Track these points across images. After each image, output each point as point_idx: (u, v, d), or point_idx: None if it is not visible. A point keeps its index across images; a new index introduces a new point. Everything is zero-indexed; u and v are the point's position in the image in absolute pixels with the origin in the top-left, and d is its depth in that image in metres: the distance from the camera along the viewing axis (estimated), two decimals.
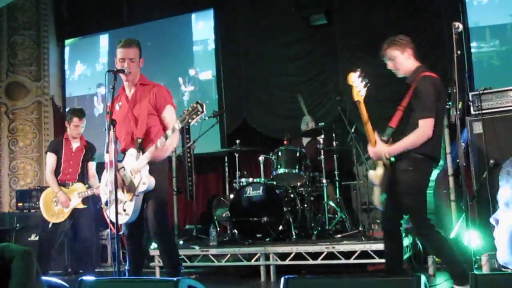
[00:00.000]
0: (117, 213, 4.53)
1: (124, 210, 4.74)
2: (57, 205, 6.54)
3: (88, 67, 11.04)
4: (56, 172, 6.67)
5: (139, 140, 4.77)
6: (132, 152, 4.83)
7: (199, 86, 9.96)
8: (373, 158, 4.62)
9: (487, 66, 7.90)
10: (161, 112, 4.89)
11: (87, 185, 6.65)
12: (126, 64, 4.84)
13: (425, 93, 4.49)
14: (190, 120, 4.50)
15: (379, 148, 4.51)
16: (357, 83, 4.53)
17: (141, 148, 4.76)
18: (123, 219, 4.76)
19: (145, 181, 4.71)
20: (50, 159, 6.72)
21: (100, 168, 6.73)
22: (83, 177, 6.73)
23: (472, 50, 7.91)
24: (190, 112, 4.49)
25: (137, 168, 4.73)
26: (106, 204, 4.95)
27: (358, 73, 4.51)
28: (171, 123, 4.74)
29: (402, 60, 4.74)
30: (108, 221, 4.70)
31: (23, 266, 2.21)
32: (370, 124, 4.63)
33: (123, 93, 5.03)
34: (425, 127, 4.44)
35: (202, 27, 10.08)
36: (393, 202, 4.59)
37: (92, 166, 6.83)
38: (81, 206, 6.56)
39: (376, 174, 4.70)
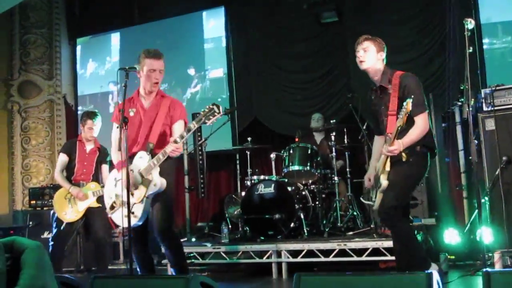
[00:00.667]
0: (129, 210, 4.54)
1: (133, 213, 4.75)
2: (70, 204, 6.55)
3: (99, 66, 11.09)
4: (70, 173, 6.69)
5: (151, 145, 4.82)
6: (142, 154, 4.85)
7: (209, 84, 9.96)
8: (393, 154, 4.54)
9: (500, 62, 7.85)
10: (173, 123, 4.98)
11: (102, 185, 6.65)
12: (157, 75, 4.94)
13: (415, 89, 4.53)
14: (206, 121, 4.58)
15: (398, 144, 4.44)
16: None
17: (152, 152, 4.80)
18: (132, 222, 4.76)
19: (157, 182, 4.74)
20: (62, 159, 6.75)
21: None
22: (97, 179, 6.75)
23: (484, 47, 7.87)
24: (207, 113, 4.57)
25: (149, 168, 4.75)
26: (111, 208, 4.99)
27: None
28: (177, 133, 4.84)
29: (373, 56, 4.82)
30: (113, 224, 4.72)
31: (34, 258, 2.20)
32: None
33: (138, 99, 5.07)
34: (424, 122, 4.50)
35: (213, 25, 10.09)
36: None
37: (105, 168, 6.86)
38: (96, 205, 6.56)
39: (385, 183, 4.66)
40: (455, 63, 7.76)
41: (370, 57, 4.81)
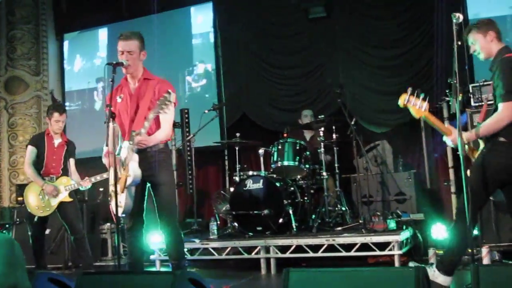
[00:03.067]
0: (117, 206, 4.52)
1: (120, 202, 4.74)
2: (43, 198, 6.55)
3: (87, 61, 11.02)
4: (39, 166, 6.67)
5: (133, 133, 4.71)
6: (125, 144, 4.81)
7: (197, 79, 9.93)
8: (453, 145, 4.49)
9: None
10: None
11: (72, 179, 6.70)
12: (125, 56, 4.82)
13: (505, 75, 4.32)
14: (160, 110, 4.48)
15: (455, 135, 4.40)
16: (414, 102, 4.47)
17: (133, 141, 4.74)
18: (119, 211, 4.75)
19: (130, 174, 4.68)
20: (31, 152, 6.72)
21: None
22: (66, 173, 6.77)
23: None
24: (161, 101, 4.46)
25: (126, 160, 4.72)
26: (109, 197, 4.97)
27: (409, 93, 4.45)
28: (165, 120, 4.79)
29: (484, 44, 4.56)
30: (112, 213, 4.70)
31: (4, 254, 2.12)
32: (430, 116, 4.50)
33: (126, 85, 4.98)
34: (506, 110, 4.27)
35: (202, 20, 10.06)
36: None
37: (72, 162, 6.87)
38: (68, 199, 6.60)
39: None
40: (442, 58, 7.79)
41: (482, 46, 4.58)
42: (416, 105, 4.46)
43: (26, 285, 2.19)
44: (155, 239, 6.83)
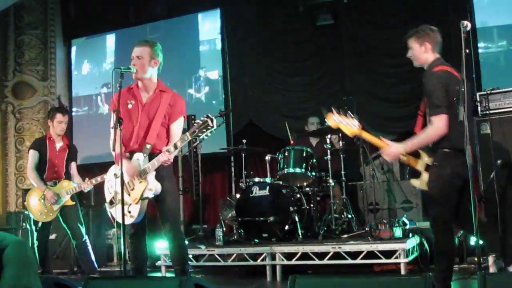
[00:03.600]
0: (123, 214, 4.52)
1: (129, 212, 4.76)
2: (45, 204, 6.56)
3: (94, 67, 11.05)
4: (41, 170, 6.70)
5: (148, 146, 4.76)
6: (139, 156, 4.80)
7: (204, 86, 9.95)
8: (390, 160, 4.60)
9: (495, 66, 7.87)
10: (172, 121, 4.90)
11: (73, 183, 6.73)
12: (134, 61, 4.87)
13: (434, 89, 4.44)
14: (200, 134, 4.52)
15: (392, 148, 4.47)
16: (344, 121, 4.57)
17: (149, 154, 4.77)
18: (128, 221, 4.77)
19: (152, 187, 4.73)
20: (33, 156, 6.73)
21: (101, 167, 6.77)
22: (68, 176, 6.79)
23: (480, 51, 7.89)
24: (200, 125, 4.50)
25: (144, 172, 4.73)
26: (111, 203, 4.96)
27: (334, 112, 4.54)
28: (175, 135, 4.85)
29: (418, 53, 4.71)
30: (112, 219, 4.71)
31: (17, 256, 2.12)
32: (363, 132, 4.61)
33: (137, 91, 4.97)
34: (436, 123, 4.37)
35: (209, 27, 10.07)
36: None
37: (74, 166, 6.90)
38: (70, 202, 6.63)
39: (422, 181, 4.65)
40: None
41: (415, 54, 4.74)
42: (348, 125, 4.59)
43: (38, 286, 2.18)
44: (160, 245, 6.83)
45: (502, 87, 5.93)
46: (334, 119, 4.63)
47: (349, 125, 4.58)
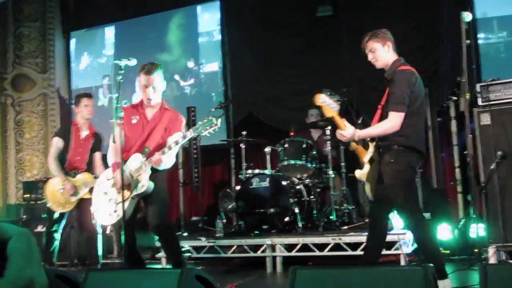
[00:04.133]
0: (123, 203, 4.54)
1: (115, 211, 4.82)
2: (63, 194, 6.49)
3: (94, 59, 11.02)
4: (63, 159, 6.61)
5: (146, 149, 4.96)
6: (136, 156, 4.97)
7: (204, 78, 9.93)
8: (343, 141, 4.75)
9: (495, 57, 7.85)
10: (171, 134, 5.07)
11: (94, 175, 6.61)
12: (149, 91, 5.02)
13: (398, 86, 4.62)
14: (203, 131, 4.67)
15: (349, 130, 4.62)
16: (328, 102, 4.71)
17: (146, 156, 4.92)
18: (111, 220, 4.87)
19: (145, 184, 4.85)
20: (57, 144, 6.64)
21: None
22: (90, 167, 6.70)
23: (480, 41, 7.87)
24: (205, 123, 4.68)
25: (139, 169, 4.87)
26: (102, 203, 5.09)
27: (326, 94, 4.66)
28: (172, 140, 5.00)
29: (382, 53, 4.86)
30: (95, 225, 4.84)
31: (21, 247, 2.11)
32: (336, 116, 4.74)
33: (142, 108, 5.17)
34: (393, 119, 4.52)
35: (208, 18, 10.03)
36: (380, 195, 4.69)
37: (98, 156, 6.77)
38: (89, 196, 6.53)
39: (363, 173, 4.83)
40: (449, 58, 7.76)
41: (380, 55, 4.86)
42: (329, 106, 4.71)
43: (42, 279, 2.17)
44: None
45: (502, 78, 5.91)
46: (320, 98, 4.74)
47: (330, 106, 4.69)
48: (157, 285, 3.14)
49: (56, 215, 6.56)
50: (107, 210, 4.95)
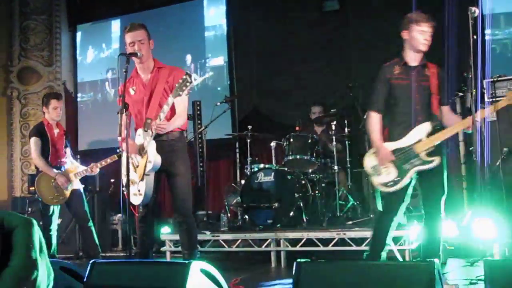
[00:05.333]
0: (129, 197, 4.53)
1: (139, 191, 4.76)
2: (56, 187, 6.56)
3: (100, 52, 11.04)
4: (45, 156, 6.66)
5: (148, 120, 4.76)
6: (139, 132, 4.84)
7: (209, 72, 9.92)
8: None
9: (502, 53, 7.81)
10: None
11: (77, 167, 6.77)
12: (137, 46, 4.84)
13: (375, 83, 4.79)
14: (180, 92, 4.49)
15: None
16: None
17: (149, 128, 4.75)
18: (138, 200, 4.77)
19: (151, 159, 4.71)
20: (37, 143, 6.67)
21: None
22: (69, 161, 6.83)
23: (487, 37, 7.83)
24: (180, 84, 4.49)
25: (143, 146, 4.75)
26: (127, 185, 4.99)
27: None
28: (180, 106, 4.84)
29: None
30: (128, 203, 4.69)
31: (26, 237, 2.10)
32: None
33: (137, 77, 4.99)
34: (368, 118, 4.80)
35: (214, 12, 10.03)
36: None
37: (69, 151, 6.91)
38: (78, 186, 6.67)
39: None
40: (455, 54, 7.72)
41: (430, 39, 4.82)
42: None
43: (48, 270, 2.16)
44: (165, 230, 6.85)
45: (509, 74, 5.89)
46: None
47: None
48: (162, 278, 3.14)
49: (51, 210, 6.62)
50: (132, 190, 4.84)
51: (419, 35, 4.42)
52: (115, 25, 10.89)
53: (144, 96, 4.91)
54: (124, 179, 4.86)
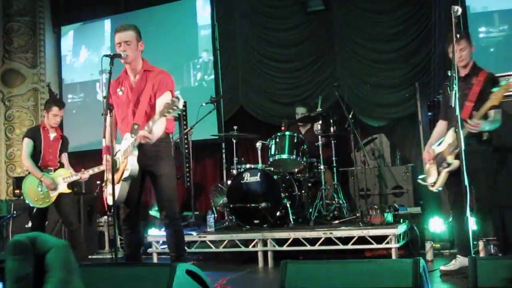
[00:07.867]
0: (114, 198, 4.50)
1: (109, 194, 4.75)
2: (42, 190, 6.55)
3: (92, 53, 10.94)
4: (36, 158, 6.68)
5: (136, 126, 4.71)
6: (127, 136, 4.80)
7: (202, 71, 9.89)
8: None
9: (496, 51, 7.84)
10: (158, 96, 4.76)
11: (70, 171, 6.75)
12: (123, 47, 4.80)
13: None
14: (166, 114, 4.32)
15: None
16: None
17: (136, 134, 4.69)
18: (110, 200, 4.74)
19: (128, 168, 4.68)
20: (28, 144, 6.69)
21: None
22: (61, 166, 6.83)
23: (481, 35, 7.88)
24: (169, 105, 4.34)
25: (126, 152, 4.72)
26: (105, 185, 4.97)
27: None
28: (158, 109, 4.68)
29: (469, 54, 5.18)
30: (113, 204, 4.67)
31: (61, 259, 2.03)
32: None
33: (126, 78, 4.95)
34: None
35: (207, 12, 9.94)
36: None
37: (66, 156, 6.92)
38: (67, 190, 6.66)
39: None
40: (441, 52, 7.76)
41: (467, 54, 5.17)
42: None
43: None
44: (152, 232, 6.83)
45: (503, 72, 5.91)
46: None
47: None
48: (147, 280, 3.12)
49: (34, 212, 6.60)
50: (109, 190, 4.80)
51: (454, 54, 4.56)
52: (108, 25, 10.78)
53: (131, 99, 4.87)
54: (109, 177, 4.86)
